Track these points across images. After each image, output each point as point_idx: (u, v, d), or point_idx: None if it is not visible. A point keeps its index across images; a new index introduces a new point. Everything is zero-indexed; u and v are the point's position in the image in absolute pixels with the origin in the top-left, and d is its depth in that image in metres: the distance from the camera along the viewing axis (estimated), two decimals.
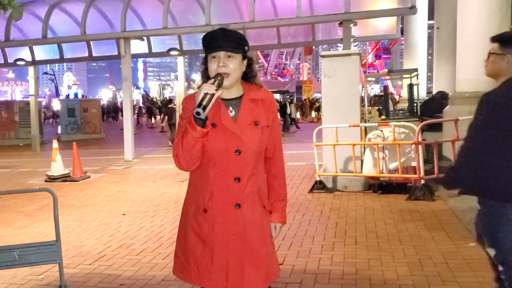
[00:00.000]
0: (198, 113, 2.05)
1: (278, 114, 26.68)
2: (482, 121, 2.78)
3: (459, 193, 2.95)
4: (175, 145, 2.17)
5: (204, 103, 2.05)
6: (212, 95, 2.07)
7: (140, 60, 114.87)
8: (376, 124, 8.20)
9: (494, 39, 2.93)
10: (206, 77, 2.22)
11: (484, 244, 2.60)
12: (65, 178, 9.86)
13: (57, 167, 9.93)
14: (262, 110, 2.25)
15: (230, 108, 2.22)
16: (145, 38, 14.38)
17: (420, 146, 6.92)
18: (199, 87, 2.16)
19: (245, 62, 2.25)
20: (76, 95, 79.87)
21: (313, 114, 32.76)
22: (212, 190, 2.19)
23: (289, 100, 28.07)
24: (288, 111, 24.38)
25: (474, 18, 8.00)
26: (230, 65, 2.15)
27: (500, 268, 2.56)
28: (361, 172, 7.67)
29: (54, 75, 58.59)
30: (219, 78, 2.11)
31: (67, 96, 74.07)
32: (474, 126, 2.81)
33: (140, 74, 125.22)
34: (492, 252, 2.60)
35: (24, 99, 29.23)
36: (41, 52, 16.56)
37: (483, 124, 2.78)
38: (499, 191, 2.53)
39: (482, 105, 2.83)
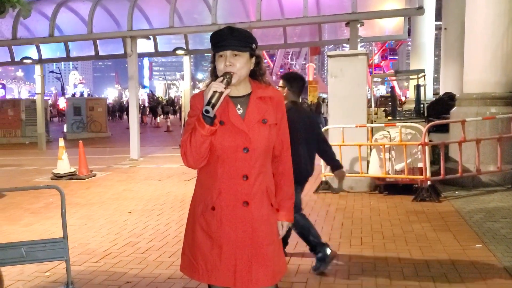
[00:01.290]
0: (207, 111, 2.05)
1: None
2: None
3: None
4: (183, 143, 2.17)
5: (213, 101, 2.05)
6: (221, 93, 2.07)
7: (146, 59, 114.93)
8: (383, 124, 8.18)
9: (280, 77, 4.52)
10: (215, 75, 2.22)
11: None
12: (71, 176, 9.89)
13: (63, 165, 9.96)
14: (270, 108, 2.25)
15: (238, 106, 2.22)
16: (151, 37, 14.40)
17: (426, 147, 6.89)
18: (207, 86, 2.16)
19: (253, 60, 2.25)
20: (82, 93, 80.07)
21: None
22: (220, 188, 2.19)
23: (322, 99, 27.86)
24: (322, 111, 24.31)
25: (483, 19, 7.95)
26: (237, 63, 2.15)
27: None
28: (367, 173, 7.66)
29: (60, 73, 58.78)
30: (227, 76, 2.12)
31: (73, 94, 74.27)
32: None
33: (145, 73, 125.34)
34: None
35: (31, 98, 29.32)
36: (48, 51, 16.60)
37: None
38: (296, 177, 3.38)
39: None
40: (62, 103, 44.66)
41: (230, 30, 2.16)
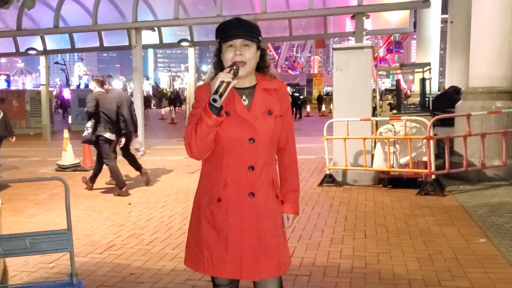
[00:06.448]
0: (214, 100, 2.03)
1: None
2: None
3: None
4: (187, 133, 2.15)
5: (220, 90, 2.03)
6: (228, 83, 2.05)
7: (151, 50, 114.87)
8: (387, 118, 8.15)
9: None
10: (219, 68, 2.20)
11: None
12: (75, 167, 9.92)
13: (68, 157, 9.99)
14: (275, 100, 2.24)
15: (244, 97, 2.21)
16: (156, 28, 14.37)
17: (431, 141, 6.87)
18: (212, 78, 2.15)
19: (259, 52, 2.24)
20: (86, 85, 80.00)
21: (323, 107, 32.68)
22: (226, 179, 2.18)
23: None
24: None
25: (489, 12, 7.89)
26: (246, 54, 2.14)
27: None
28: (372, 166, 7.64)
29: (65, 65, 58.81)
30: (234, 67, 2.09)
31: (78, 86, 74.29)
32: None
33: (150, 65, 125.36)
34: None
35: (35, 89, 29.35)
36: (53, 42, 16.62)
37: None
38: None
39: None
40: (67, 95, 44.71)
41: (238, 20, 2.16)
